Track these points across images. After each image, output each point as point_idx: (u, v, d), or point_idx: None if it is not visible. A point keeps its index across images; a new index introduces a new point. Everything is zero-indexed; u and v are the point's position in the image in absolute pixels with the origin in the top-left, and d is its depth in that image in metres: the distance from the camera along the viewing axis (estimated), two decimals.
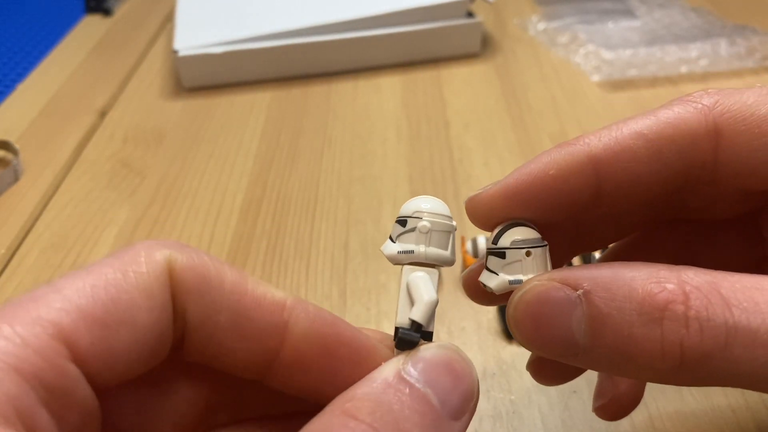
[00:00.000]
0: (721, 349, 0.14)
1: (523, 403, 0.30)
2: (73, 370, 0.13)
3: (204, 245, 0.40)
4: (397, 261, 0.18)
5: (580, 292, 0.16)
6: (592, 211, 0.19)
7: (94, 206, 0.43)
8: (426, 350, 0.17)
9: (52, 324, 0.13)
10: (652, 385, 0.30)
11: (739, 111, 0.17)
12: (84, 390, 0.14)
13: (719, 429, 0.28)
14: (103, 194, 0.44)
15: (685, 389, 0.30)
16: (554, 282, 0.16)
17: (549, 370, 0.23)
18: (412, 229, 0.18)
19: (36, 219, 0.42)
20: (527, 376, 0.31)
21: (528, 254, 0.18)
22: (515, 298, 0.17)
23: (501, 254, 0.18)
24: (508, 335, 0.33)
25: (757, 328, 0.14)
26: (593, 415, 0.29)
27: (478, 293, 0.21)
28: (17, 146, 0.47)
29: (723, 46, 0.56)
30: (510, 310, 0.17)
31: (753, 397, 0.29)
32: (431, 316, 0.17)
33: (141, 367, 0.15)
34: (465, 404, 0.16)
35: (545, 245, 0.19)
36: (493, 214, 0.19)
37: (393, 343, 0.18)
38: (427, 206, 0.18)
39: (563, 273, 0.17)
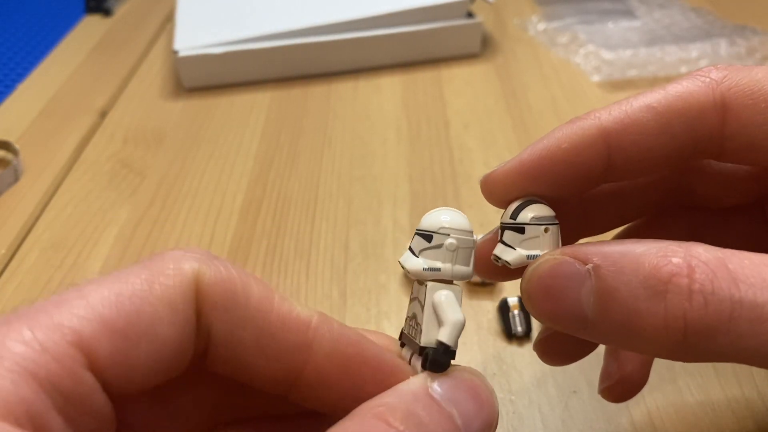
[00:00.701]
0: (726, 324, 0.14)
1: (523, 403, 0.30)
2: (89, 378, 0.14)
3: (204, 245, 0.40)
4: (421, 277, 0.18)
5: (590, 266, 0.16)
6: (602, 189, 0.19)
7: (94, 206, 0.43)
8: (453, 371, 0.17)
9: (72, 331, 0.13)
10: (652, 383, 0.30)
11: (747, 86, 0.18)
12: (99, 398, 0.14)
13: (719, 428, 0.28)
14: (103, 194, 0.44)
15: (684, 386, 0.30)
16: (566, 256, 0.17)
17: (555, 349, 0.23)
18: (439, 246, 0.18)
19: (36, 219, 0.42)
20: (527, 376, 0.31)
21: (546, 230, 0.19)
22: (529, 271, 0.18)
23: (520, 229, 0.19)
24: (508, 335, 0.33)
25: (764, 304, 0.14)
26: (593, 415, 0.29)
27: (487, 267, 0.22)
28: (17, 146, 0.47)
29: (723, 47, 0.56)
30: (524, 283, 0.18)
31: (752, 394, 0.29)
32: (459, 337, 0.17)
33: (158, 378, 0.15)
34: (485, 431, 0.16)
35: (558, 223, 0.19)
36: (509, 191, 0.19)
37: (400, 348, 0.18)
38: (452, 221, 0.18)
39: (575, 248, 0.17)
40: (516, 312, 0.33)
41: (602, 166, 0.19)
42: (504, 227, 0.19)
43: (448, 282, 0.18)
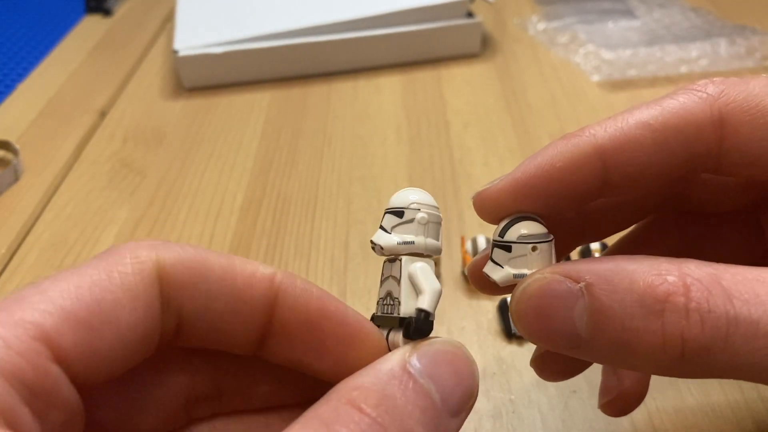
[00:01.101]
0: (723, 341, 0.14)
1: (523, 403, 0.30)
2: (55, 371, 0.14)
3: (204, 245, 0.40)
4: (395, 252, 0.18)
5: (582, 284, 0.16)
6: (598, 202, 0.19)
7: (94, 206, 0.43)
8: (432, 344, 0.17)
9: (34, 326, 0.13)
10: (652, 384, 0.30)
11: (744, 101, 0.17)
12: (66, 389, 0.14)
13: (718, 428, 0.28)
14: (103, 194, 0.44)
15: (684, 387, 0.30)
16: (557, 275, 0.17)
17: (553, 365, 0.24)
18: (411, 220, 0.19)
19: (36, 219, 0.42)
20: (527, 376, 0.31)
21: (534, 249, 0.18)
22: (518, 291, 0.18)
23: (507, 248, 0.19)
24: (508, 335, 0.33)
25: (758, 319, 0.14)
26: (593, 415, 0.29)
27: (483, 283, 0.22)
28: (17, 146, 0.47)
29: (723, 46, 0.56)
30: (513, 304, 0.18)
31: (752, 395, 0.29)
32: (436, 305, 0.18)
33: (125, 364, 0.16)
34: (464, 403, 0.16)
35: (551, 240, 0.19)
36: (501, 209, 0.19)
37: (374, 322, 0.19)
38: (420, 198, 0.19)
39: (565, 266, 0.17)
40: None
41: (598, 184, 0.18)
42: (493, 244, 0.19)
43: (422, 256, 0.19)
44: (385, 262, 0.19)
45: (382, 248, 0.18)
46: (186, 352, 0.19)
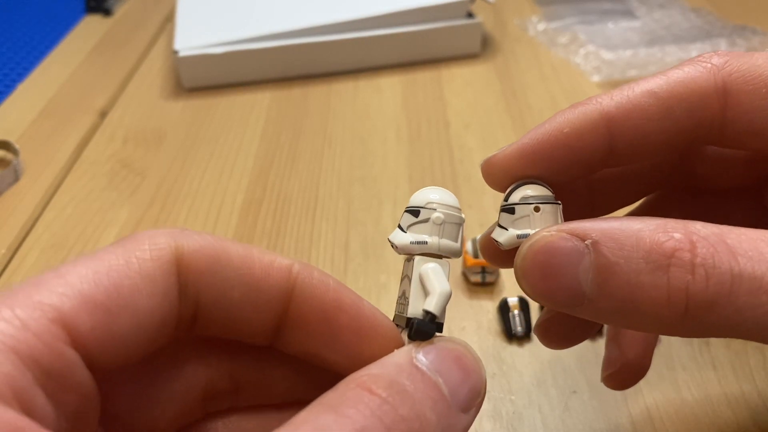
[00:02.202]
0: (726, 296, 0.15)
1: (523, 403, 0.30)
2: (71, 354, 0.14)
3: None
4: (408, 251, 0.18)
5: (588, 242, 0.16)
6: (605, 171, 0.19)
7: (94, 206, 0.43)
8: (437, 341, 0.17)
9: (52, 308, 0.14)
10: (652, 384, 0.30)
11: (748, 71, 0.18)
12: (82, 373, 0.14)
13: (718, 427, 0.28)
14: (103, 194, 0.44)
15: (684, 387, 0.30)
16: (563, 233, 0.17)
17: (555, 332, 0.23)
18: (426, 220, 0.18)
19: (36, 219, 0.42)
20: (528, 376, 0.31)
21: (537, 209, 0.18)
22: (524, 248, 0.17)
23: (511, 210, 0.19)
24: (509, 335, 0.33)
25: (762, 276, 0.14)
26: (593, 416, 0.29)
27: (493, 253, 0.22)
28: (17, 146, 0.47)
29: (723, 47, 0.56)
30: (518, 260, 0.18)
31: (752, 395, 0.29)
32: (445, 307, 0.18)
33: (142, 350, 0.16)
34: (473, 398, 0.16)
35: (558, 203, 0.19)
36: (509, 174, 0.20)
37: (398, 327, 0.18)
38: (439, 197, 0.19)
39: (572, 225, 0.17)
40: (516, 312, 0.33)
41: (604, 151, 0.19)
42: (501, 209, 0.19)
43: (436, 256, 0.18)
44: (405, 261, 0.19)
45: (396, 247, 0.18)
46: (204, 345, 0.19)
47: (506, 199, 0.19)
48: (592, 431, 0.28)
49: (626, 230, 0.16)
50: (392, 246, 0.19)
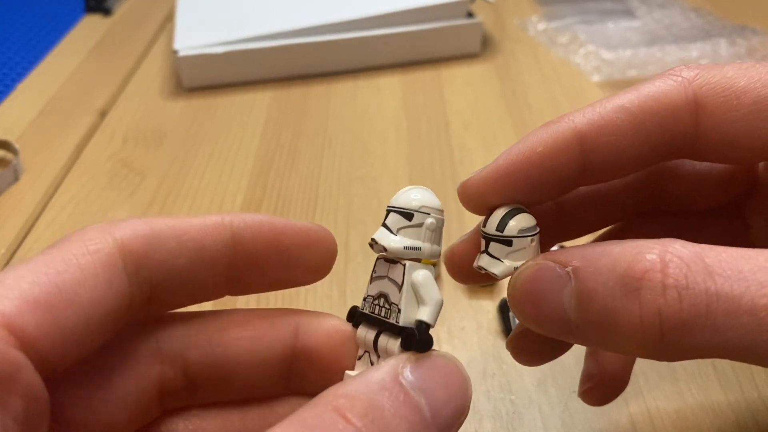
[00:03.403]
0: (703, 317, 0.14)
1: (523, 403, 0.30)
2: (16, 356, 0.14)
3: None
4: (399, 255, 0.18)
5: (569, 268, 0.16)
6: (577, 194, 0.20)
7: (94, 206, 0.43)
8: (427, 358, 0.17)
9: None
10: (652, 383, 0.30)
11: (719, 83, 0.18)
12: (29, 376, 0.14)
13: (719, 428, 0.28)
14: (103, 194, 0.44)
15: (685, 387, 0.30)
16: (547, 261, 0.17)
17: (528, 347, 0.23)
18: (419, 225, 0.18)
19: (36, 219, 0.42)
20: (528, 376, 0.31)
21: (532, 241, 0.19)
22: (514, 278, 0.18)
23: (508, 242, 0.19)
24: (508, 335, 0.33)
25: (741, 295, 0.14)
26: (593, 416, 0.29)
27: (461, 272, 0.22)
28: (17, 146, 0.47)
29: (723, 47, 0.56)
30: (510, 290, 0.18)
31: (752, 395, 0.29)
32: (437, 317, 0.18)
33: (94, 341, 0.16)
34: (454, 419, 0.16)
35: (539, 231, 0.19)
36: (486, 198, 0.20)
37: (353, 328, 0.19)
38: (431, 201, 0.18)
39: (556, 253, 0.17)
40: None
41: (578, 169, 0.19)
42: (489, 238, 0.19)
43: (428, 262, 0.18)
44: (379, 259, 0.19)
45: (385, 249, 0.18)
46: (155, 341, 0.19)
47: (500, 229, 0.19)
48: (592, 431, 0.28)
49: (605, 254, 0.16)
50: (373, 245, 0.18)
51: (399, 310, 0.18)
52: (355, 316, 0.19)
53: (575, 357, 0.31)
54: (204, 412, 0.20)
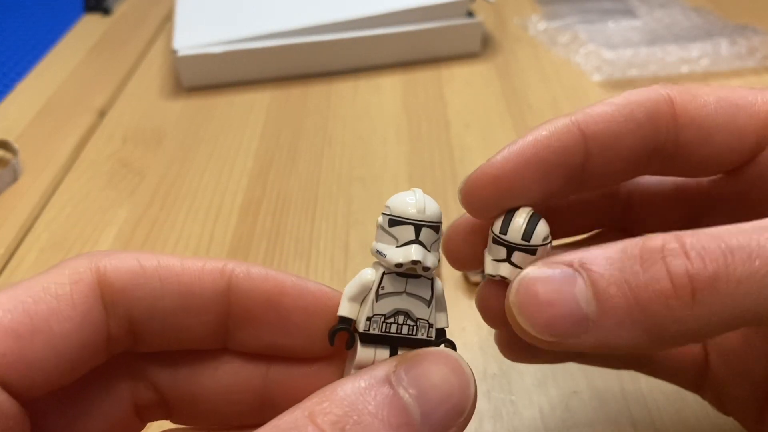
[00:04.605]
0: (724, 269, 0.15)
1: (523, 403, 0.29)
2: None
3: (204, 245, 0.40)
4: (410, 268, 0.17)
5: (576, 265, 0.16)
6: (580, 183, 0.20)
7: (93, 206, 0.43)
8: (426, 355, 0.16)
9: None
10: (652, 383, 0.30)
11: (685, 89, 0.20)
12: (3, 400, 0.14)
13: (720, 428, 0.28)
14: (103, 194, 0.44)
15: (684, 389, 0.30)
16: (549, 262, 0.17)
17: (517, 342, 0.23)
18: (439, 238, 0.18)
19: (35, 219, 0.42)
20: (528, 376, 0.31)
21: (550, 248, 0.19)
22: (515, 283, 0.17)
23: (533, 251, 0.18)
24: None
25: (748, 244, 0.15)
26: (594, 416, 0.29)
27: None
28: (16, 146, 0.47)
29: (724, 46, 0.56)
30: (511, 297, 0.17)
31: None
32: None
33: (68, 374, 0.15)
34: (450, 419, 0.15)
35: None
36: (502, 192, 0.19)
37: (359, 347, 0.18)
38: (434, 211, 0.18)
39: (555, 256, 0.17)
40: None
41: (582, 154, 0.19)
42: (513, 248, 0.18)
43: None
44: (389, 274, 0.18)
45: (429, 269, 0.17)
46: (130, 359, 0.18)
47: (526, 239, 0.18)
48: None
49: (609, 248, 0.16)
50: (415, 264, 0.17)
51: (430, 325, 0.17)
52: (362, 339, 0.18)
53: None
54: (184, 429, 0.20)
